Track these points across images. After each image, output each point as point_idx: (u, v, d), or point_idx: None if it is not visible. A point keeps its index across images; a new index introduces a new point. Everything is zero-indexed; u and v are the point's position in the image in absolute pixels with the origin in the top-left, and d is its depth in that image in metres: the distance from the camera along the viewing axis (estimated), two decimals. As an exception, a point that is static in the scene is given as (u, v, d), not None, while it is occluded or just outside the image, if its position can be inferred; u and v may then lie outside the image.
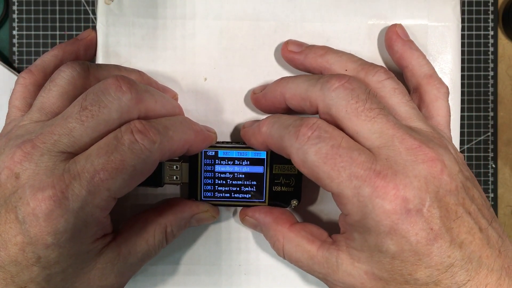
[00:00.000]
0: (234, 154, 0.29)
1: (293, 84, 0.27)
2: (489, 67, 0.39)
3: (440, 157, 0.22)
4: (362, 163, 0.22)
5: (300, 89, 0.26)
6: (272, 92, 0.28)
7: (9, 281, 0.22)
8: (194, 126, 0.27)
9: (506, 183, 0.40)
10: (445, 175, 0.22)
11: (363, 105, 0.23)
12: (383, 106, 0.24)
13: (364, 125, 0.23)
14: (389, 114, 0.24)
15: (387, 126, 0.23)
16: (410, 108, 0.25)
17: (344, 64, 0.27)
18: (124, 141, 0.23)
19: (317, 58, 0.28)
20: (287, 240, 0.27)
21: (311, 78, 0.26)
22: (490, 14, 0.39)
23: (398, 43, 0.29)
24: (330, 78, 0.25)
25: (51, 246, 0.22)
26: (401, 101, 0.25)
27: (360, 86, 0.24)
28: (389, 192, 0.21)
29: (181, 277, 0.31)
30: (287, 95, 0.27)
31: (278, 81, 0.28)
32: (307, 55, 0.29)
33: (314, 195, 0.31)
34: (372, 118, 0.23)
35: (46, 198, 0.22)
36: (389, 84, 0.26)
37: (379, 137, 0.23)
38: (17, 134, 0.24)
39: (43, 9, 0.38)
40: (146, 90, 0.25)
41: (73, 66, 0.26)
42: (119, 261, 0.26)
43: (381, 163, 0.22)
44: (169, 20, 0.31)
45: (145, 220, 0.28)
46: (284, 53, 0.30)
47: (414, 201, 0.21)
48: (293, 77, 0.27)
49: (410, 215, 0.21)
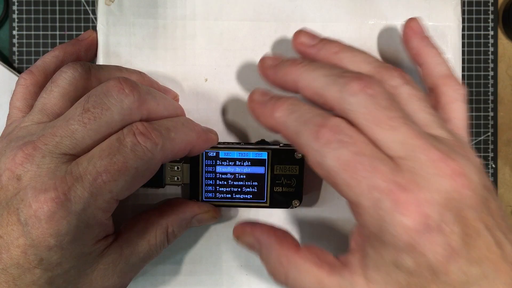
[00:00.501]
0: (235, 154, 0.29)
1: (309, 76, 0.24)
2: (489, 67, 0.39)
3: (463, 170, 0.21)
4: (384, 174, 0.21)
5: (316, 84, 0.24)
6: (285, 75, 0.25)
7: (11, 283, 0.22)
8: (195, 127, 0.27)
9: (506, 183, 0.40)
10: (467, 189, 0.21)
11: (384, 113, 0.22)
12: (405, 114, 0.22)
13: (385, 134, 0.22)
14: (412, 123, 0.22)
15: (411, 136, 0.21)
16: (429, 115, 0.24)
17: (358, 65, 0.25)
18: (127, 143, 0.23)
19: (330, 56, 0.26)
20: (292, 265, 0.25)
21: (330, 74, 0.23)
22: (490, 14, 0.39)
23: (415, 40, 0.28)
24: (350, 80, 0.22)
25: (53, 248, 0.22)
26: (419, 107, 0.24)
27: (381, 92, 0.22)
28: (410, 207, 0.20)
29: (182, 277, 0.31)
30: (301, 85, 0.24)
31: (294, 64, 0.25)
32: (319, 51, 0.27)
33: (316, 195, 0.31)
34: (394, 127, 0.22)
35: (48, 200, 0.22)
36: (405, 90, 0.24)
37: (402, 147, 0.21)
38: (18, 135, 0.24)
39: (43, 9, 0.38)
40: (148, 92, 0.25)
41: (75, 67, 0.26)
42: (121, 262, 0.26)
43: (403, 175, 0.21)
44: (169, 20, 0.31)
45: (146, 221, 0.28)
46: (296, 45, 0.28)
47: (435, 217, 0.20)
48: (309, 67, 0.24)
49: (430, 232, 0.20)
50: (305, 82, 0.24)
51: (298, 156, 0.29)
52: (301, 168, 0.29)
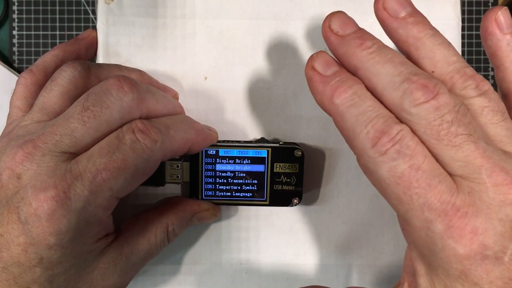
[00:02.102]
0: (235, 153, 0.29)
1: (373, 69, 0.21)
2: (489, 67, 0.39)
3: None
4: (440, 194, 0.19)
5: (378, 82, 0.21)
6: (346, 54, 0.22)
7: (12, 282, 0.22)
8: (195, 125, 0.27)
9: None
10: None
11: (448, 129, 0.19)
12: (474, 130, 0.20)
13: (446, 151, 0.19)
14: (480, 140, 0.20)
15: (475, 155, 0.19)
16: (502, 129, 0.21)
17: (435, 64, 0.22)
18: (126, 140, 0.23)
19: (409, 39, 0.22)
20: None
21: (395, 72, 0.20)
22: (490, 12, 0.39)
23: (493, 37, 0.23)
24: (416, 89, 0.20)
25: (53, 246, 0.22)
26: (490, 121, 0.21)
27: (448, 103, 0.19)
28: (465, 235, 0.18)
29: (182, 277, 0.31)
30: (361, 74, 0.21)
31: (359, 47, 0.21)
32: (398, 28, 0.22)
33: (316, 194, 0.31)
34: (457, 145, 0.19)
35: (48, 199, 0.22)
36: (477, 102, 0.21)
37: (464, 167, 0.19)
38: (18, 134, 0.24)
39: (43, 9, 0.38)
40: (148, 90, 0.25)
41: (74, 65, 0.26)
42: (122, 261, 0.26)
43: (462, 197, 0.19)
44: (169, 19, 0.31)
45: (146, 219, 0.28)
46: (378, 10, 0.23)
47: (494, 248, 0.18)
48: (375, 58, 0.21)
49: (486, 262, 0.19)
50: (367, 74, 0.21)
51: (298, 154, 0.29)
52: (301, 166, 0.29)
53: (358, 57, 0.21)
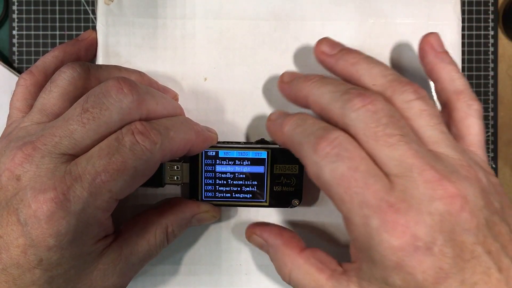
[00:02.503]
0: (234, 154, 0.29)
1: (317, 92, 0.25)
2: (489, 67, 0.39)
3: (461, 192, 0.21)
4: (376, 192, 0.21)
5: (322, 100, 0.24)
6: (298, 91, 0.27)
7: (11, 283, 0.22)
8: (195, 127, 0.27)
9: (506, 183, 0.40)
10: (465, 213, 0.21)
11: (383, 130, 0.22)
12: (406, 132, 0.22)
13: (382, 151, 0.22)
14: (412, 141, 0.22)
15: (407, 154, 0.21)
16: (438, 132, 0.23)
17: (374, 78, 0.25)
18: (125, 142, 0.23)
19: (347, 66, 0.26)
20: (295, 266, 0.26)
21: (336, 90, 0.24)
22: (490, 14, 0.39)
23: (430, 55, 0.27)
24: (353, 97, 0.23)
25: (53, 248, 0.22)
26: (428, 124, 0.23)
27: (383, 108, 0.22)
28: (398, 228, 0.20)
29: (181, 277, 0.31)
30: (310, 100, 0.25)
31: (306, 81, 0.26)
32: (338, 61, 0.27)
33: (315, 195, 0.31)
34: (391, 145, 0.22)
35: (48, 200, 0.22)
36: (416, 105, 0.23)
37: (398, 165, 0.21)
38: (18, 135, 0.24)
39: (43, 9, 0.38)
40: (147, 91, 0.25)
41: (74, 67, 0.26)
42: (121, 262, 0.26)
43: (395, 194, 0.21)
44: (169, 20, 0.31)
45: (146, 220, 0.28)
46: (317, 54, 0.28)
47: (425, 239, 0.20)
48: (319, 83, 0.25)
49: (418, 253, 0.20)
50: (314, 98, 0.25)
51: (298, 155, 0.29)
52: (301, 167, 0.29)
53: (305, 88, 0.26)
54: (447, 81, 0.27)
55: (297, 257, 0.26)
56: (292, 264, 0.26)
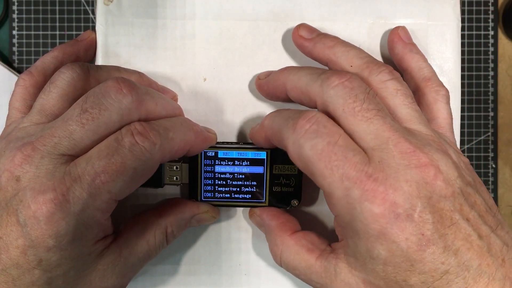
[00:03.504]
0: (234, 154, 0.29)
1: (295, 76, 0.26)
2: (489, 67, 0.39)
3: (434, 162, 0.22)
4: (355, 164, 0.22)
5: (300, 83, 0.26)
6: (275, 80, 0.28)
7: (10, 284, 0.22)
8: (194, 127, 0.27)
9: (506, 183, 0.40)
10: (439, 181, 0.21)
11: (360, 105, 0.23)
12: (381, 108, 0.23)
13: (360, 125, 0.23)
14: (387, 116, 0.23)
15: (383, 128, 0.22)
16: (412, 110, 0.25)
17: (350, 60, 0.26)
18: (125, 143, 0.23)
19: (325, 49, 0.27)
20: (285, 246, 0.26)
21: (314, 72, 0.25)
22: (490, 14, 0.39)
23: (399, 46, 0.29)
24: (331, 75, 0.24)
25: (52, 249, 0.22)
26: (403, 102, 0.25)
27: (360, 86, 0.24)
28: (378, 195, 0.21)
29: (181, 277, 0.31)
30: (288, 86, 0.27)
31: (282, 70, 0.28)
32: (315, 44, 0.28)
33: (315, 195, 0.31)
34: (368, 119, 0.23)
35: (47, 201, 0.22)
36: (392, 85, 0.25)
37: (374, 139, 0.22)
38: (17, 136, 0.24)
39: (43, 9, 0.38)
40: (147, 92, 0.25)
41: (73, 67, 0.26)
42: (120, 262, 0.26)
43: (373, 165, 0.22)
44: (168, 20, 0.31)
45: (145, 221, 0.28)
46: (295, 38, 0.29)
47: (404, 205, 0.21)
48: (296, 68, 0.27)
49: (399, 220, 0.21)
50: (292, 83, 0.26)
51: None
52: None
53: (282, 76, 0.27)
54: (416, 70, 0.28)
55: (288, 238, 0.27)
56: (282, 245, 0.27)
